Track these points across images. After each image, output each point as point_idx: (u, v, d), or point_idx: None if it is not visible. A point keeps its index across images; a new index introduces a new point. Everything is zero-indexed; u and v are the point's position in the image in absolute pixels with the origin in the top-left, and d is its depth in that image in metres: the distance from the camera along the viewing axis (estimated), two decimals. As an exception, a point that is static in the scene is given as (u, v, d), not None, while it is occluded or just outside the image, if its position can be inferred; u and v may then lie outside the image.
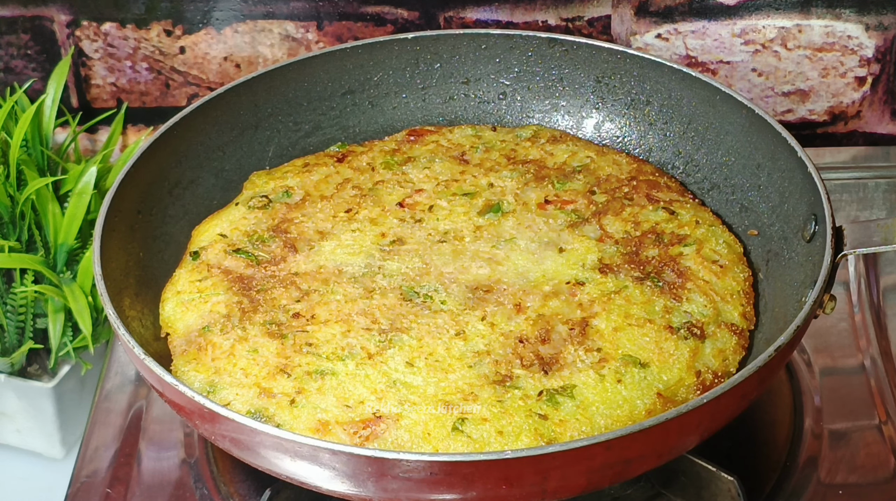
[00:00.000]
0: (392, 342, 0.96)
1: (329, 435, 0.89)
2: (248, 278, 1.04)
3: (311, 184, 1.14)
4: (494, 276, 1.02)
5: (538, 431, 0.89)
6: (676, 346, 0.96)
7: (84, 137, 1.40)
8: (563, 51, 1.21)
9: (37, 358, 1.24)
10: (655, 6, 1.31)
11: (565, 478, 0.82)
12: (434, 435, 0.89)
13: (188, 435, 1.08)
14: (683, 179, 1.16)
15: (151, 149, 1.08)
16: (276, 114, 1.19)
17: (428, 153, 1.17)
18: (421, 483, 0.81)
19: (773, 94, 1.36)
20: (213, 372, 0.95)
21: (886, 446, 1.04)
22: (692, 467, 0.96)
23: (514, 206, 1.10)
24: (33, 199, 1.20)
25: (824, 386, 1.10)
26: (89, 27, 1.33)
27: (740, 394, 0.86)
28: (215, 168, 1.15)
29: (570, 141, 1.18)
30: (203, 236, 1.09)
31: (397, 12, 1.32)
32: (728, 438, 0.98)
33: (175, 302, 1.03)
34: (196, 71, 1.36)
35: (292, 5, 1.32)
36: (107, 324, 1.23)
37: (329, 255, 1.05)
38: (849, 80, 1.35)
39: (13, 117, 1.28)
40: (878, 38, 1.32)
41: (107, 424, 1.10)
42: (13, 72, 1.36)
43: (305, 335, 0.97)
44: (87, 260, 1.20)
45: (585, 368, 0.94)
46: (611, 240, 1.06)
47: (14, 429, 1.25)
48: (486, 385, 0.92)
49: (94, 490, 1.04)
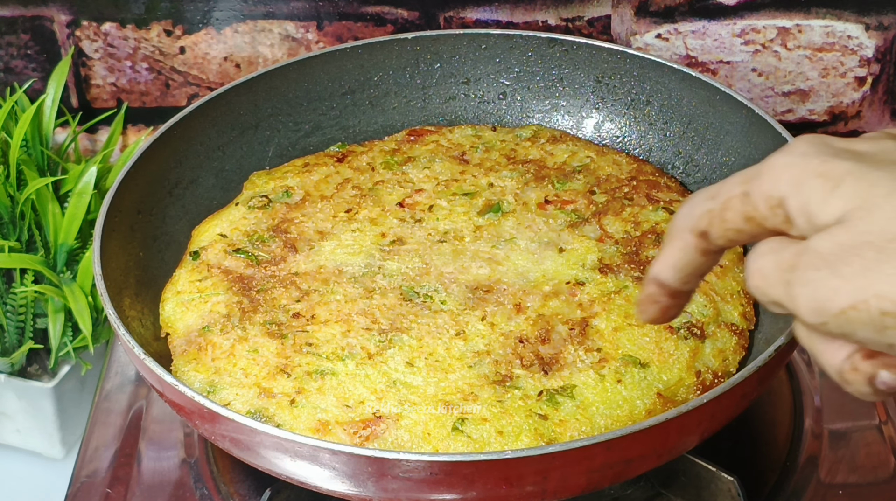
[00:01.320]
0: (392, 342, 0.96)
1: (329, 435, 0.89)
2: (248, 278, 1.04)
3: (311, 184, 1.14)
4: (494, 276, 1.02)
5: (538, 431, 0.89)
6: (676, 346, 0.96)
7: (84, 137, 1.40)
8: (563, 51, 1.21)
9: (37, 358, 1.24)
10: (655, 6, 1.31)
11: (565, 478, 0.82)
12: (434, 435, 0.89)
13: (188, 435, 1.08)
14: (683, 179, 1.16)
15: (151, 149, 1.08)
16: (276, 114, 1.19)
17: (428, 153, 1.17)
18: (421, 483, 0.81)
19: (773, 94, 1.36)
20: (213, 372, 0.95)
21: (886, 446, 1.04)
22: (692, 467, 0.96)
23: (514, 206, 1.10)
24: (33, 199, 1.20)
25: (824, 386, 1.10)
26: (89, 27, 1.33)
27: (740, 394, 0.86)
28: (215, 168, 1.15)
29: (570, 141, 1.18)
30: (203, 236, 1.09)
31: (397, 12, 1.32)
32: (728, 438, 0.98)
33: (175, 302, 1.03)
34: (196, 71, 1.36)
35: (292, 5, 1.32)
36: (107, 324, 1.23)
37: (329, 255, 1.05)
38: (849, 80, 1.35)
39: (13, 117, 1.28)
40: (878, 38, 1.32)
41: (107, 424, 1.10)
42: (13, 72, 1.36)
43: (305, 335, 0.97)
44: (87, 260, 1.20)
45: (585, 368, 0.94)
46: (611, 239, 1.06)
47: (14, 429, 1.25)
48: (486, 385, 0.92)
49: (94, 490, 1.04)
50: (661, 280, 0.72)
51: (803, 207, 0.64)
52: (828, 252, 0.63)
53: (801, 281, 0.64)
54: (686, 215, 0.70)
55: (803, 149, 0.66)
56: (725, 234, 0.69)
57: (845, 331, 0.63)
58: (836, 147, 0.66)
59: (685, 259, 0.71)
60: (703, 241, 0.70)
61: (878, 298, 0.61)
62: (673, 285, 0.72)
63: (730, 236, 0.68)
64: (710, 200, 0.69)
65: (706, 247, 0.70)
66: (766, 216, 0.66)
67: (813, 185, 0.64)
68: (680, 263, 0.71)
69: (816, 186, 0.64)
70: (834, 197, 0.63)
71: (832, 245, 0.63)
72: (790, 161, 0.65)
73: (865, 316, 0.62)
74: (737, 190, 0.67)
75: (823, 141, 0.66)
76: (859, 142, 0.66)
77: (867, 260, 0.61)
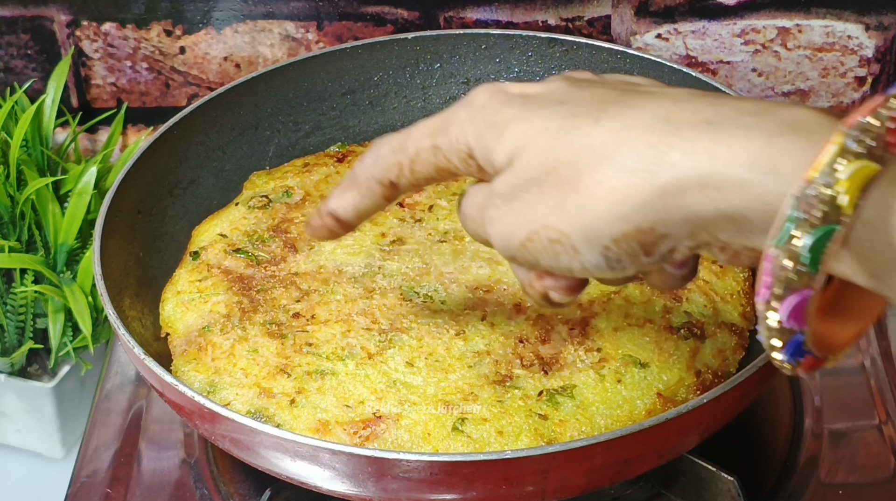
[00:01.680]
0: (392, 342, 0.96)
1: (329, 435, 0.89)
2: (248, 278, 1.04)
3: (311, 184, 1.14)
4: (494, 276, 1.02)
5: (538, 431, 0.89)
6: (676, 346, 0.96)
7: (84, 137, 1.40)
8: (563, 51, 1.21)
9: (37, 358, 1.24)
10: (655, 6, 1.31)
11: (565, 478, 0.82)
12: (434, 435, 0.89)
13: (188, 435, 1.08)
14: (683, 179, 1.16)
15: (151, 149, 1.08)
16: (276, 114, 1.19)
17: (428, 153, 1.17)
18: (421, 484, 0.81)
19: (773, 94, 1.36)
20: (213, 372, 0.95)
21: (886, 446, 1.04)
22: (692, 467, 0.96)
23: (514, 206, 1.10)
24: (33, 199, 1.20)
25: (824, 386, 1.10)
26: (89, 27, 1.33)
27: (740, 394, 0.86)
28: (215, 168, 1.15)
29: (570, 141, 1.18)
30: (203, 236, 1.09)
31: (397, 12, 1.32)
32: (728, 438, 0.98)
33: (175, 302, 1.03)
34: (196, 71, 1.36)
35: (292, 5, 1.32)
36: (107, 324, 1.23)
37: (329, 255, 1.05)
38: (849, 80, 1.35)
39: (13, 117, 1.28)
40: (878, 38, 1.32)
41: (107, 424, 1.10)
42: (13, 72, 1.36)
43: (305, 335, 0.97)
44: (87, 260, 1.20)
45: (585, 368, 0.94)
46: (611, 240, 1.06)
47: (14, 429, 1.25)
48: (486, 385, 0.92)
49: (94, 490, 1.04)
50: (339, 216, 0.78)
51: (484, 156, 0.70)
52: (503, 192, 0.69)
53: (488, 219, 0.71)
54: (372, 165, 0.76)
55: (481, 100, 0.71)
56: (415, 182, 0.75)
57: (529, 261, 0.70)
58: (510, 93, 0.71)
59: (369, 204, 0.77)
60: (390, 190, 0.76)
61: (546, 228, 0.67)
62: (351, 222, 0.79)
63: (419, 183, 0.75)
64: (399, 153, 0.74)
65: (392, 194, 0.76)
66: (458, 167, 0.72)
67: (488, 135, 0.69)
68: (362, 206, 0.77)
69: (491, 136, 0.69)
70: (501, 143, 0.69)
71: (504, 185, 0.69)
72: (470, 114, 0.71)
73: (540, 246, 0.68)
74: (425, 142, 0.73)
75: (499, 89, 0.71)
76: (532, 86, 0.71)
77: (532, 195, 0.67)
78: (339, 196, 0.78)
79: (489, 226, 0.71)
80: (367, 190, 0.76)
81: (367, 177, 0.76)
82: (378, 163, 0.75)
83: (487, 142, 0.70)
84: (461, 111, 0.71)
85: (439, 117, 0.73)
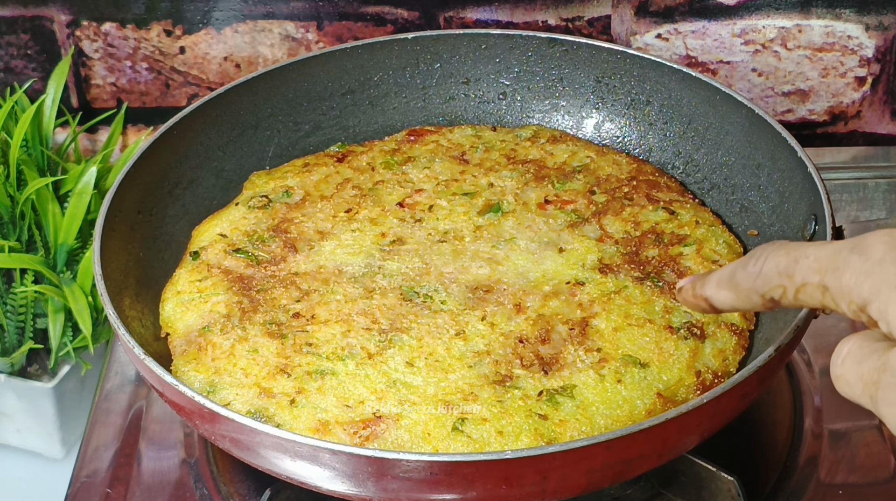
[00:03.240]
0: (392, 342, 0.96)
1: (329, 435, 0.89)
2: (248, 278, 1.04)
3: (311, 184, 1.14)
4: (494, 276, 1.02)
5: (538, 431, 0.89)
6: (676, 346, 0.96)
7: (84, 137, 1.40)
8: (563, 51, 1.21)
9: (37, 358, 1.24)
10: (655, 6, 1.31)
11: (565, 478, 0.82)
12: (434, 435, 0.89)
13: (188, 435, 1.08)
14: (683, 179, 1.16)
15: (151, 149, 1.08)
16: (276, 114, 1.19)
17: (428, 153, 1.17)
18: (421, 483, 0.81)
19: (773, 94, 1.36)
20: (213, 372, 0.95)
21: (886, 446, 1.04)
22: (692, 467, 0.96)
23: (514, 206, 1.10)
24: (33, 199, 1.20)
25: (824, 386, 1.10)
26: (89, 27, 1.33)
27: (740, 394, 0.85)
28: (215, 168, 1.15)
29: (570, 141, 1.18)
30: (203, 236, 1.09)
31: (397, 12, 1.32)
32: (728, 438, 0.98)
33: (175, 302, 1.03)
34: (196, 71, 1.36)
35: (292, 5, 1.32)
36: (107, 324, 1.23)
37: (329, 255, 1.05)
38: (849, 80, 1.35)
39: (13, 117, 1.28)
40: (878, 38, 1.32)
41: (107, 424, 1.10)
42: (13, 72, 1.36)
43: (305, 335, 0.97)
44: (87, 260, 1.20)
45: (585, 368, 0.94)
46: (611, 239, 1.06)
47: (14, 429, 1.25)
48: (486, 385, 0.92)
49: (94, 490, 1.04)
50: (715, 306, 0.77)
51: (882, 315, 0.64)
52: None
53: (885, 400, 0.64)
54: (755, 280, 0.73)
55: (879, 253, 0.65)
56: (797, 305, 0.71)
57: None
58: None
59: (746, 307, 0.75)
60: (770, 303, 0.73)
61: None
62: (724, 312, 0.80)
63: (802, 307, 0.71)
64: (784, 277, 0.71)
65: (772, 306, 0.73)
66: (846, 313, 0.67)
67: (892, 299, 0.64)
68: (739, 306, 0.76)
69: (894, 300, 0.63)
70: None
71: None
72: (868, 268, 0.65)
73: None
74: (814, 278, 0.68)
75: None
76: None
77: None
78: (718, 290, 0.77)
79: (885, 407, 0.64)
80: (746, 298, 0.74)
81: (748, 288, 0.73)
82: (761, 279, 0.72)
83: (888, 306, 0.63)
84: (855, 258, 0.66)
85: (830, 253, 0.68)
